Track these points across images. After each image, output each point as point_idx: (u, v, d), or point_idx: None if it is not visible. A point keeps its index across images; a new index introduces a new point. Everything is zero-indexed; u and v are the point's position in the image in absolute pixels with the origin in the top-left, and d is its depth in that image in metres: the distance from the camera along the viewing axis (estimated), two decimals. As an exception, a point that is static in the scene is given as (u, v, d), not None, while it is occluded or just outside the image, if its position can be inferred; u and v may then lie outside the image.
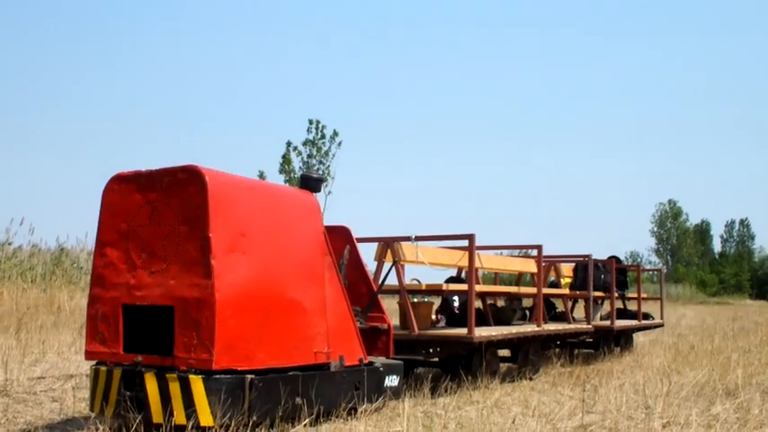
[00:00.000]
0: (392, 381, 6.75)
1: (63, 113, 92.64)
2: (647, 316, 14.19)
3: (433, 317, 8.96)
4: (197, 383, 5.01)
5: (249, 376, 5.22)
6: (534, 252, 9.92)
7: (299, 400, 5.60)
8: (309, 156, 38.69)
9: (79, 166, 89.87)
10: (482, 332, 8.06)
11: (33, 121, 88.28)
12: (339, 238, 7.01)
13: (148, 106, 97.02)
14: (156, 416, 5.09)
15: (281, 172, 38.87)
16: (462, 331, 7.93)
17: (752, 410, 6.35)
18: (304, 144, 38.83)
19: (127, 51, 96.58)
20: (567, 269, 12.06)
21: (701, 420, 5.86)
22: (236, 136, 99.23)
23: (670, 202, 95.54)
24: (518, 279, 12.11)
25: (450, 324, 9.23)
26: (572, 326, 10.74)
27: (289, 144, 38.95)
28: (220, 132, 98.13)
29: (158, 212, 5.43)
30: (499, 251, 11.17)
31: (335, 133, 38.59)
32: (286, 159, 38.90)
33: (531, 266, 10.15)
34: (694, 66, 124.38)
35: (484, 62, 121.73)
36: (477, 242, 8.03)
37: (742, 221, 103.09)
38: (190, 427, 4.96)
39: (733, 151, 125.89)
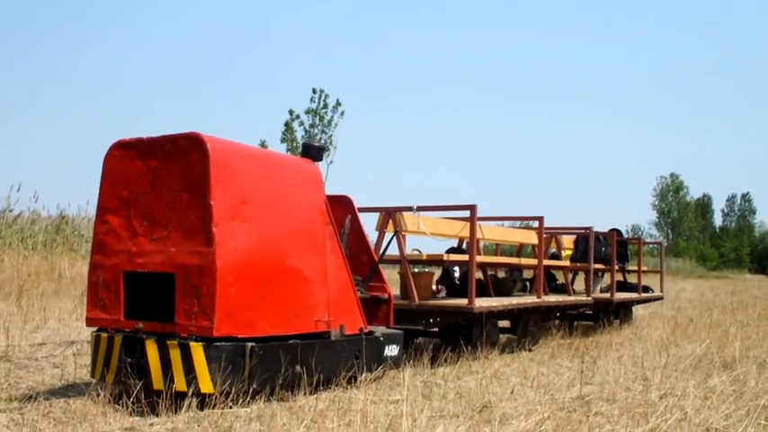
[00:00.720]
0: (392, 350, 6.78)
1: (64, 79, 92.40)
2: (646, 289, 14.21)
3: (434, 287, 8.97)
4: (197, 350, 5.03)
5: (250, 344, 5.24)
6: (535, 224, 9.92)
7: (298, 368, 5.62)
8: (312, 125, 38.54)
9: (80, 134, 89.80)
10: (482, 303, 8.08)
11: (35, 87, 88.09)
12: (341, 207, 7.00)
13: (150, 73, 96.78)
14: (157, 382, 5.12)
15: (282, 141, 38.74)
16: (463, 302, 7.95)
17: (748, 383, 6.38)
18: (306, 113, 38.68)
19: (129, 18, 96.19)
20: (567, 241, 12.06)
21: (698, 392, 5.88)
22: (238, 105, 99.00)
23: (672, 175, 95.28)
24: (519, 250, 12.11)
25: (450, 294, 9.24)
26: (572, 298, 10.76)
27: (291, 113, 38.77)
28: (222, 101, 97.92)
29: (160, 180, 5.42)
30: (500, 222, 11.18)
31: (338, 103, 38.45)
32: (288, 128, 38.73)
33: (532, 238, 10.15)
34: (698, 39, 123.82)
35: (487, 33, 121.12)
36: (479, 213, 8.02)
37: (743, 196, 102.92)
38: (190, 393, 4.98)
39: (736, 126, 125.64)
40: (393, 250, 7.85)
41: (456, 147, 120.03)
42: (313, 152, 6.39)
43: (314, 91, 38.61)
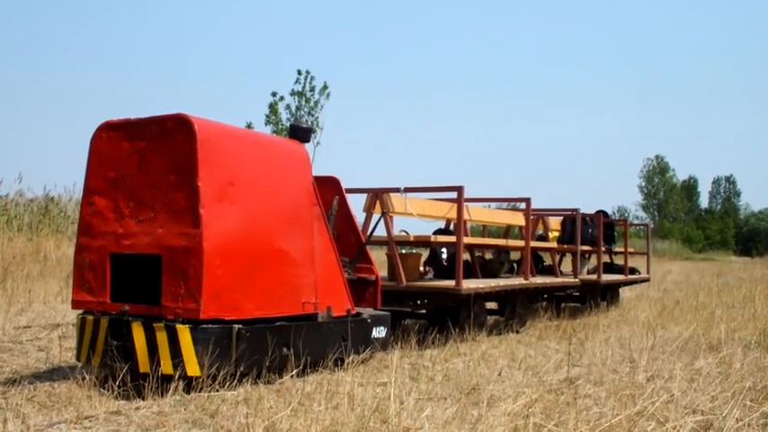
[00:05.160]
0: (380, 332, 6.77)
1: (51, 60, 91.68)
2: (633, 271, 14.25)
3: (421, 268, 8.96)
4: (184, 333, 5.00)
5: (237, 326, 5.21)
6: (523, 205, 9.92)
7: (286, 350, 5.60)
8: (297, 107, 38.22)
9: (67, 114, 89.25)
10: (470, 284, 8.07)
11: (21, 67, 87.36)
12: (328, 188, 6.97)
13: (135, 55, 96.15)
14: (143, 365, 5.09)
15: (267, 123, 38.34)
16: (450, 283, 7.94)
17: (734, 365, 6.40)
18: (292, 95, 38.33)
19: (115, 3, 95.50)
20: (554, 223, 12.08)
21: (685, 374, 5.90)
22: (223, 87, 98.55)
23: (657, 157, 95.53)
24: (506, 232, 12.10)
25: (437, 276, 9.24)
26: (559, 279, 10.78)
27: (274, 94, 38.28)
28: (207, 83, 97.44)
29: (147, 161, 5.37)
30: (488, 204, 11.17)
31: (325, 86, 38.13)
32: (273, 110, 38.35)
33: (519, 219, 10.15)
34: (684, 21, 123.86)
35: (475, 14, 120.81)
36: (466, 194, 8.00)
37: (728, 178, 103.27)
38: (176, 376, 4.95)
39: (722, 109, 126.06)
40: (380, 231, 7.84)
41: (443, 128, 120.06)
42: (301, 133, 6.35)
43: (299, 72, 38.24)
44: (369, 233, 7.70)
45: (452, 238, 8.55)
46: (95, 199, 5.59)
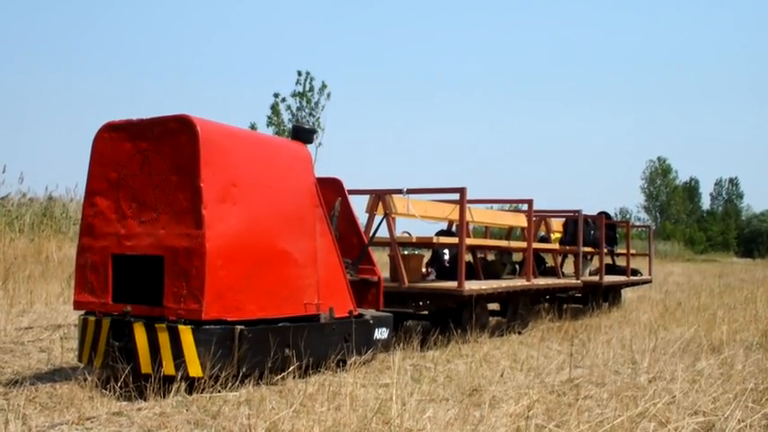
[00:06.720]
0: (382, 333, 6.76)
1: (53, 60, 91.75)
2: (635, 272, 14.25)
3: (424, 270, 8.96)
4: (186, 334, 5.00)
5: (239, 327, 5.21)
6: (525, 206, 9.91)
7: (288, 351, 5.60)
8: (299, 108, 38.19)
9: (69, 115, 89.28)
10: (472, 285, 8.06)
11: (21, 67, 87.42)
12: (330, 189, 6.97)
13: (138, 56, 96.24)
14: (145, 366, 5.09)
15: (269, 124, 38.34)
16: (452, 284, 7.93)
17: (735, 366, 6.40)
18: (293, 96, 38.32)
19: (117, 3, 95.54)
20: (557, 224, 12.08)
21: (686, 375, 5.90)
22: (225, 88, 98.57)
23: (660, 159, 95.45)
24: (508, 233, 12.11)
25: (440, 277, 9.23)
26: (561, 281, 10.78)
27: (276, 95, 38.29)
28: (209, 84, 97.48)
29: (149, 162, 5.37)
30: (490, 205, 11.17)
31: (324, 85, 38.09)
32: (275, 111, 38.34)
33: (521, 221, 10.15)
34: (687, 23, 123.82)
35: (476, 14, 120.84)
36: (469, 196, 8.01)
37: (731, 180, 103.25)
38: (178, 377, 4.95)
39: (724, 110, 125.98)
40: (383, 233, 7.83)
41: (446, 129, 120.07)
42: (303, 134, 6.34)
43: (299, 73, 38.22)
44: (371, 234, 7.70)
45: (455, 240, 8.55)
46: (97, 200, 5.59)
